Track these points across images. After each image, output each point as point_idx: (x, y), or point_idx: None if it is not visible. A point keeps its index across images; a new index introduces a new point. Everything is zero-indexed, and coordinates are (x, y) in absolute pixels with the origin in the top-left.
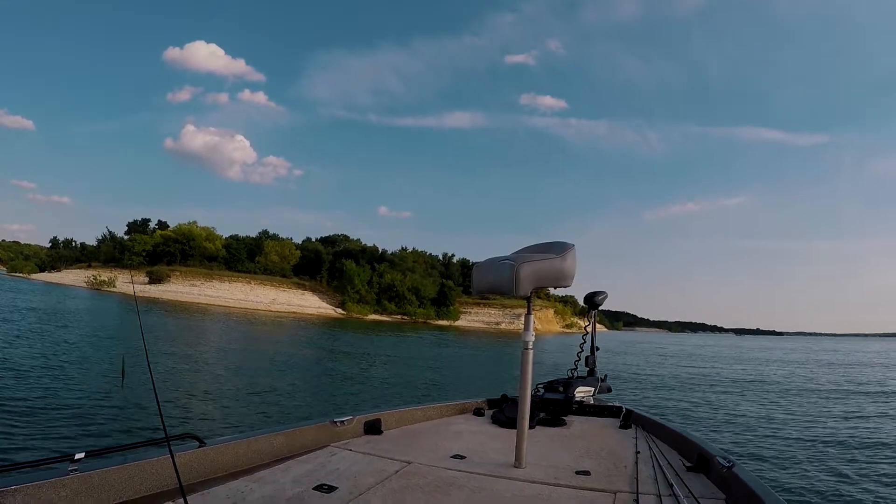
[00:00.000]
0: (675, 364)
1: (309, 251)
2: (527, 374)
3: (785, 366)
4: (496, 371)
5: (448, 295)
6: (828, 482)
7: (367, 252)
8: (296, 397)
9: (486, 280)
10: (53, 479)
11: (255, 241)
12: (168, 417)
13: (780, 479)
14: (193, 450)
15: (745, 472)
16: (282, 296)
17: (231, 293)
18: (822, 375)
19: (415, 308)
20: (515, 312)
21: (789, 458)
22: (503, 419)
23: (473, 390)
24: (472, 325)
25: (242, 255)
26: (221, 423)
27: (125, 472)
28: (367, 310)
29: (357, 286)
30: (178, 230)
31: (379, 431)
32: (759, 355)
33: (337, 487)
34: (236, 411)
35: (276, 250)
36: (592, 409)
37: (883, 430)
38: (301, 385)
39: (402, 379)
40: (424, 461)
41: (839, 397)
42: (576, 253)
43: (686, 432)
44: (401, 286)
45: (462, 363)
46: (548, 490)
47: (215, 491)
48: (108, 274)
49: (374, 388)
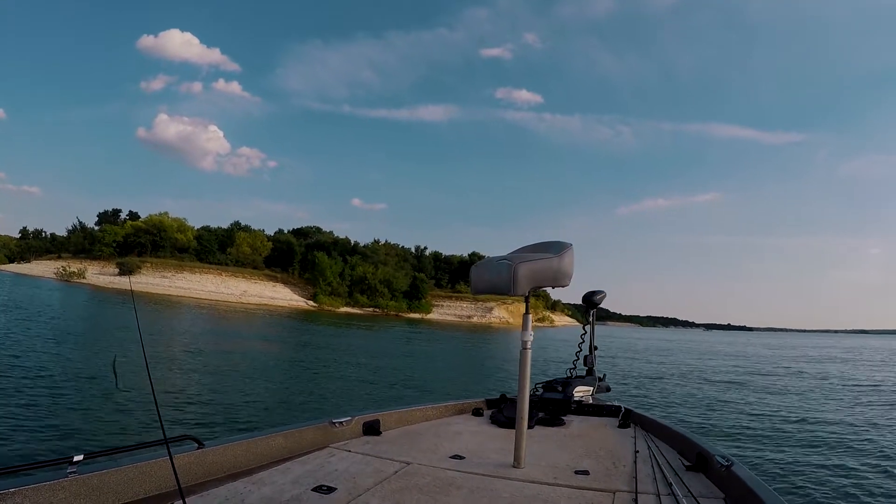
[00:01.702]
0: (642, 358)
1: (281, 243)
2: (525, 373)
3: (754, 362)
4: (476, 367)
5: (420, 288)
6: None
7: (339, 244)
8: (266, 401)
9: (484, 280)
10: (52, 482)
11: (226, 232)
12: (127, 418)
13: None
14: (192, 451)
15: (744, 471)
16: (253, 288)
17: (202, 285)
18: (807, 371)
19: (387, 301)
20: (487, 306)
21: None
22: (502, 419)
23: (456, 389)
24: (444, 319)
25: (214, 246)
26: (184, 426)
27: (124, 474)
28: (339, 302)
29: (329, 278)
30: (149, 221)
31: (378, 432)
32: (728, 349)
33: (336, 488)
34: (193, 415)
35: (248, 242)
36: (591, 408)
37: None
38: (272, 387)
39: (378, 377)
40: (423, 462)
41: (829, 394)
42: (573, 252)
43: (685, 432)
44: (373, 279)
45: (439, 359)
46: (547, 490)
47: (214, 492)
48: (77, 265)
49: (348, 389)
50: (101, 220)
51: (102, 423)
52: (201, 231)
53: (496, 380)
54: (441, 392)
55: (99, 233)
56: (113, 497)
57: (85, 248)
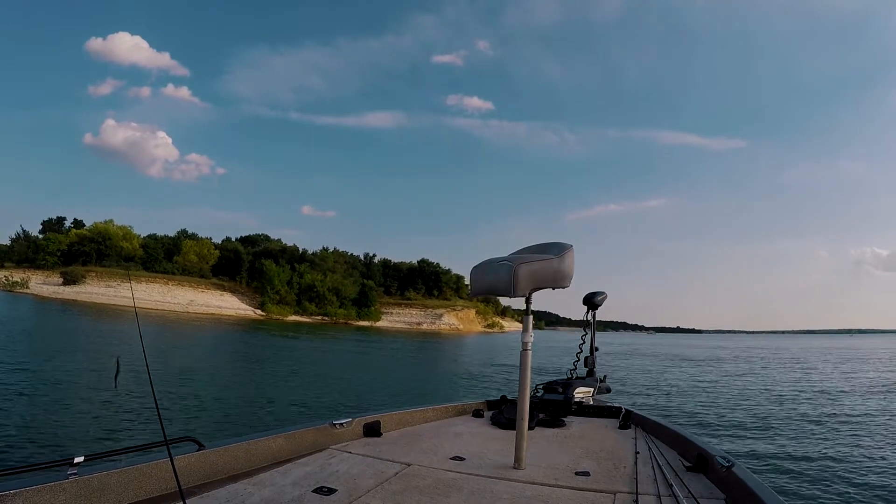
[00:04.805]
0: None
1: (228, 251)
2: (526, 375)
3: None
4: (432, 374)
5: (369, 295)
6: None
7: (287, 252)
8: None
9: (484, 281)
10: (53, 483)
11: (173, 240)
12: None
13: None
14: (193, 453)
15: (744, 472)
16: (200, 297)
17: (148, 294)
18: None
19: (335, 309)
20: (436, 313)
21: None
22: (502, 420)
23: (416, 398)
24: (393, 326)
25: (160, 255)
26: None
27: (125, 475)
28: (288, 311)
29: (277, 287)
30: (94, 229)
31: (378, 433)
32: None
33: (336, 490)
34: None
35: (195, 250)
36: (592, 409)
37: (878, 428)
38: (222, 402)
39: (328, 391)
40: (424, 463)
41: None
42: (574, 254)
43: (685, 432)
44: (321, 286)
45: (392, 368)
46: (547, 491)
47: (215, 494)
48: (21, 274)
49: (298, 405)
50: (45, 228)
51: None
52: (147, 239)
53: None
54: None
55: (43, 241)
56: (114, 498)
57: (28, 256)
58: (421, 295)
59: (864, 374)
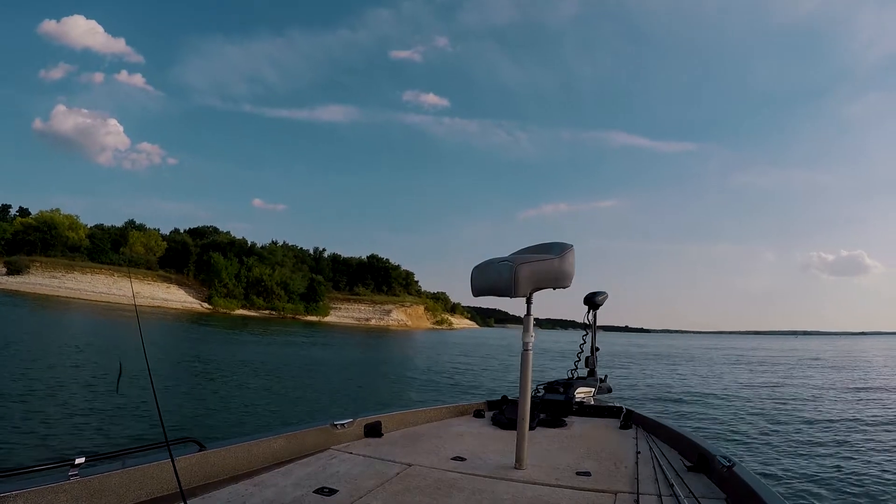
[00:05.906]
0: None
1: (176, 243)
2: (526, 375)
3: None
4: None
5: (317, 290)
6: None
7: (235, 245)
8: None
9: (485, 281)
10: (54, 484)
11: (120, 231)
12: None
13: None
14: (194, 454)
15: (745, 472)
16: (146, 289)
17: (93, 286)
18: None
19: (283, 303)
20: (385, 309)
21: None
22: (503, 421)
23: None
24: (342, 321)
25: (107, 245)
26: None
27: (126, 476)
28: (235, 304)
29: (224, 280)
30: (40, 218)
31: (379, 434)
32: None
33: (337, 490)
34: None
35: (142, 241)
36: (593, 409)
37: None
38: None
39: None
40: (425, 463)
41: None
42: (574, 254)
43: (686, 432)
44: (269, 280)
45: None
46: (548, 491)
47: (216, 495)
48: None
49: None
50: None
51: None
52: (94, 230)
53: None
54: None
55: None
56: (115, 499)
57: None
58: (370, 290)
59: (853, 373)
